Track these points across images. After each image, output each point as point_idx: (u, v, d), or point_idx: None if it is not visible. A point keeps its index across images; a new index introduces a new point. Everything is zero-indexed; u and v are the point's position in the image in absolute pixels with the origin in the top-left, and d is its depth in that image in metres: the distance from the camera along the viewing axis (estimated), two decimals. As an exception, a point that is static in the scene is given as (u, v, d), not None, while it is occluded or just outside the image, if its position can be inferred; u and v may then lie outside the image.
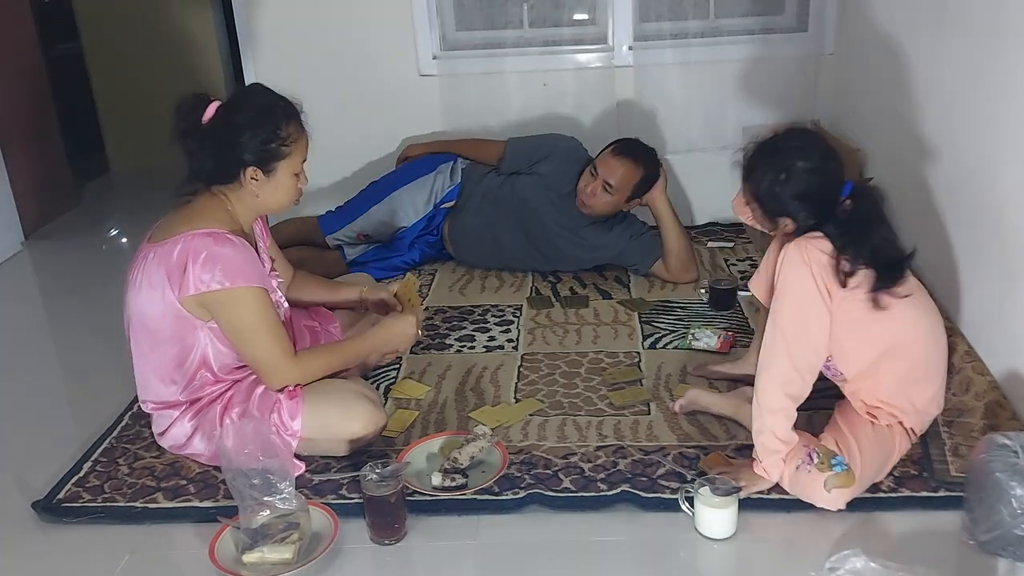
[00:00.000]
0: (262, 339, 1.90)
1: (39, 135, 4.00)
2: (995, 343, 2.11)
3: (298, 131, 1.94)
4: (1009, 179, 2.04)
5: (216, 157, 1.89)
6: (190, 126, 1.89)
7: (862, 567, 1.47)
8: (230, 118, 1.88)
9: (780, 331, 1.76)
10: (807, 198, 1.78)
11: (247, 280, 1.86)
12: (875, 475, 1.82)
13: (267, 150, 1.89)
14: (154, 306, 1.90)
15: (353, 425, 1.97)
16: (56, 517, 1.90)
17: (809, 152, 1.80)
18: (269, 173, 1.91)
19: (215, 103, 1.89)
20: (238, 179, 1.91)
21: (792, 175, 1.77)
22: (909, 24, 2.67)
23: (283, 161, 1.92)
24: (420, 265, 3.22)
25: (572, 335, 2.66)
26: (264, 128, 1.87)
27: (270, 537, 1.70)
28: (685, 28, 3.46)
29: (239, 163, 1.89)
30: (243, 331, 1.89)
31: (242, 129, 1.87)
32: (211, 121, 1.88)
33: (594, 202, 2.94)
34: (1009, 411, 1.97)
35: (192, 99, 1.90)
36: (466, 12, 3.55)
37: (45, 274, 3.57)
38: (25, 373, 2.67)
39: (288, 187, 1.96)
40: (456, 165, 3.27)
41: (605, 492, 1.87)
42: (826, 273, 1.73)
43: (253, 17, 3.47)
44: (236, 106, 1.90)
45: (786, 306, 1.77)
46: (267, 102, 1.92)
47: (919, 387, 1.86)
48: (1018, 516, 1.58)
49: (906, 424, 1.86)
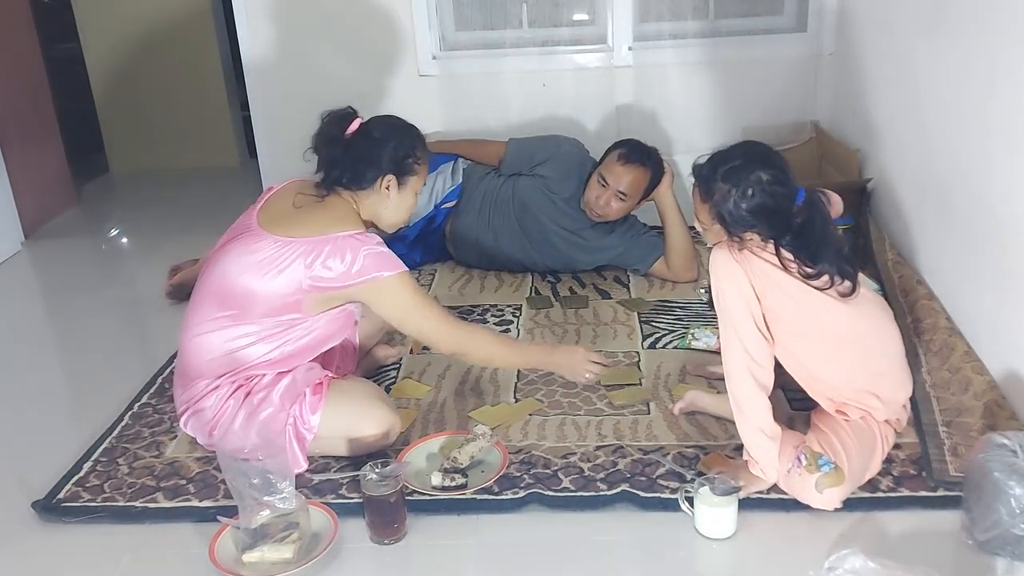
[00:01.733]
0: (429, 311, 2.03)
1: (39, 135, 4.00)
2: (994, 343, 2.12)
3: (425, 154, 2.10)
4: (1008, 178, 2.04)
5: (358, 163, 2.01)
6: (336, 135, 2.02)
7: (861, 567, 1.48)
8: (372, 133, 2.03)
9: (732, 328, 1.78)
10: (771, 211, 1.76)
11: (400, 266, 1.99)
12: (864, 469, 1.82)
13: (405, 163, 2.04)
14: (275, 289, 1.92)
15: (367, 424, 1.99)
16: (56, 517, 1.90)
17: (767, 163, 1.78)
18: (402, 185, 2.05)
19: (359, 118, 2.04)
20: (373, 185, 2.02)
21: (755, 189, 1.75)
22: (908, 25, 2.67)
23: (413, 177, 2.06)
24: (420, 265, 3.23)
25: (572, 335, 2.66)
26: (405, 143, 2.05)
27: (270, 537, 1.70)
28: (685, 28, 3.46)
29: (379, 169, 2.02)
30: (412, 309, 2.01)
31: (386, 141, 2.03)
32: (354, 134, 2.02)
33: (608, 211, 2.94)
34: (1008, 411, 1.97)
35: (340, 112, 2.05)
36: (465, 12, 3.56)
37: (45, 274, 3.57)
38: (25, 373, 2.67)
39: (410, 205, 2.11)
40: (457, 165, 3.27)
41: (604, 492, 1.88)
42: (752, 267, 1.76)
43: (253, 19, 3.48)
44: (379, 124, 2.07)
45: (727, 304, 1.78)
46: (405, 124, 2.10)
47: (878, 378, 1.86)
48: (1016, 515, 1.58)
49: (878, 417, 1.86)
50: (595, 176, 2.94)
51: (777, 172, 1.77)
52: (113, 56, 4.70)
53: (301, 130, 2.10)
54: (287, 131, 3.57)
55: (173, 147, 4.77)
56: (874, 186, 3.00)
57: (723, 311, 1.80)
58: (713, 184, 1.79)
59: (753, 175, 1.75)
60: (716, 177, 1.79)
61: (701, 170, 1.84)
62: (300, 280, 1.91)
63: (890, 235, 2.81)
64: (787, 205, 1.77)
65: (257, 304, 1.94)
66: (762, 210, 1.76)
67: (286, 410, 1.95)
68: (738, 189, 1.75)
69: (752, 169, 1.76)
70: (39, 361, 2.79)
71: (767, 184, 1.75)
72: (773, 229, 1.77)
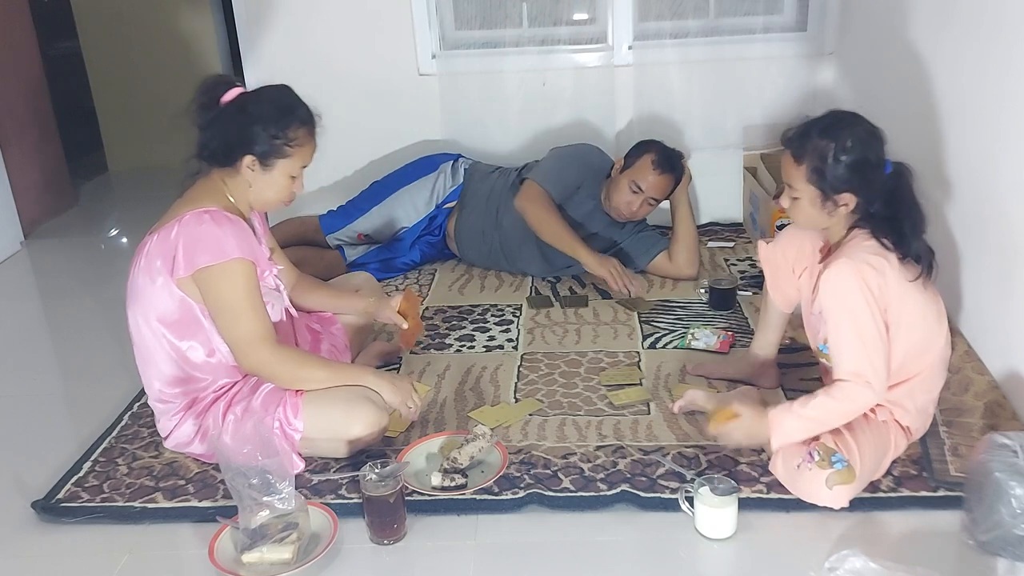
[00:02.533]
0: (246, 314, 1.89)
1: (38, 135, 4.00)
2: (995, 343, 2.11)
3: (307, 137, 1.95)
4: (1007, 178, 2.04)
5: (223, 137, 1.91)
6: (208, 101, 1.91)
7: (861, 567, 1.48)
8: (247, 106, 1.90)
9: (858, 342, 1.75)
10: (869, 167, 1.77)
11: (238, 253, 1.86)
12: (873, 471, 1.82)
13: (271, 145, 1.91)
14: (157, 295, 1.91)
15: (355, 426, 1.96)
16: (55, 517, 1.90)
17: (859, 122, 1.81)
18: (266, 167, 1.93)
19: (239, 88, 1.92)
20: (235, 165, 1.92)
21: (854, 142, 1.76)
22: (909, 23, 2.67)
23: (283, 160, 1.93)
24: (420, 265, 3.22)
25: (572, 335, 2.66)
26: (276, 124, 1.90)
27: (269, 537, 1.69)
28: (685, 27, 3.45)
29: (241, 149, 1.90)
30: (230, 305, 1.88)
31: (255, 119, 1.89)
32: (230, 103, 1.91)
33: (638, 215, 2.97)
34: (1009, 411, 1.97)
35: (217, 77, 1.95)
36: (465, 11, 3.54)
37: (44, 273, 3.57)
38: (24, 373, 2.67)
39: (281, 186, 1.97)
40: (458, 164, 3.26)
41: (605, 492, 1.87)
42: (879, 285, 1.74)
43: (253, 17, 3.47)
44: (257, 97, 1.93)
45: (851, 323, 1.76)
46: (288, 102, 1.94)
47: (925, 386, 1.86)
48: (1018, 516, 1.58)
49: (903, 423, 1.86)
50: (626, 181, 2.91)
51: (873, 128, 1.80)
52: (112, 55, 4.70)
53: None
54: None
55: (172, 146, 4.75)
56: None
57: (855, 326, 1.76)
58: (808, 142, 1.79)
59: (851, 129, 1.78)
60: (812, 135, 1.79)
61: (793, 134, 1.84)
62: (165, 273, 1.88)
63: (890, 234, 2.81)
64: (881, 165, 1.78)
65: (162, 305, 1.92)
66: (862, 166, 1.76)
67: (271, 414, 1.93)
68: (838, 144, 1.76)
69: (850, 124, 1.79)
70: (38, 361, 2.78)
71: (867, 136, 1.77)
72: (870, 190, 1.77)
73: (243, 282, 1.88)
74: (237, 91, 1.92)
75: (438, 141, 3.54)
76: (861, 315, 1.74)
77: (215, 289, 1.88)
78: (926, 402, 1.88)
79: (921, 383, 1.87)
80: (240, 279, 1.87)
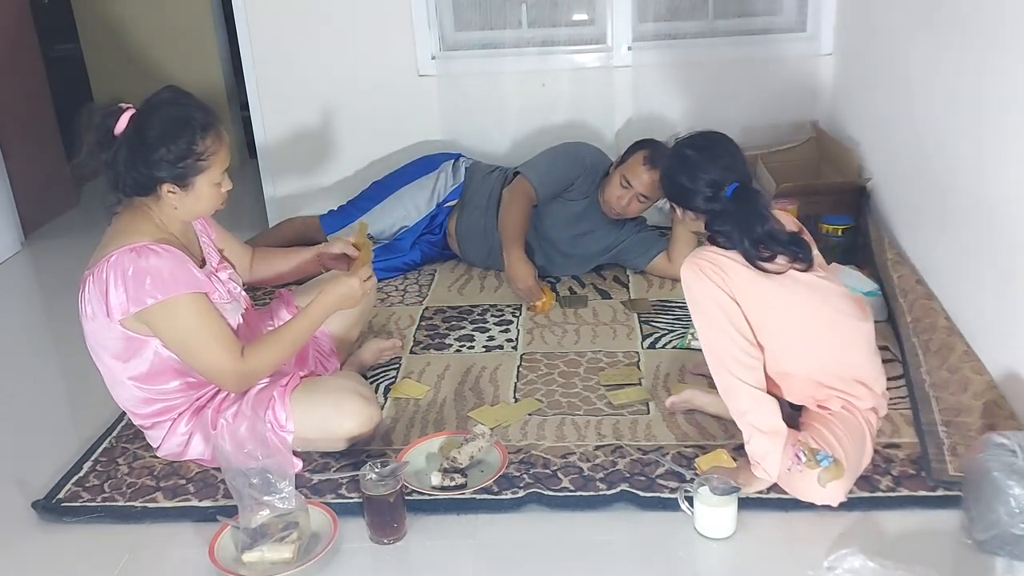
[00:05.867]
0: (207, 345, 1.85)
1: (38, 135, 4.00)
2: (993, 342, 2.12)
3: (216, 143, 1.84)
4: (1006, 178, 2.04)
5: (131, 171, 1.81)
6: (103, 136, 1.81)
7: (860, 566, 1.48)
8: (144, 132, 1.79)
9: (721, 334, 1.80)
10: (684, 190, 1.90)
11: (179, 288, 1.80)
12: (859, 460, 1.83)
13: (184, 166, 1.81)
14: (103, 332, 1.89)
15: (347, 422, 1.97)
16: (56, 517, 1.90)
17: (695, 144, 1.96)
18: (186, 187, 1.84)
19: (128, 112, 1.81)
20: (155, 193, 1.84)
21: (672, 169, 1.94)
22: (906, 24, 2.67)
23: (201, 175, 1.84)
24: (421, 265, 3.23)
25: (571, 335, 2.66)
26: (179, 143, 1.79)
27: (269, 536, 1.70)
28: (684, 28, 3.46)
29: (154, 179, 1.81)
30: (186, 341, 1.85)
31: (156, 146, 1.78)
32: (124, 133, 1.80)
33: (628, 211, 2.93)
34: (1007, 410, 1.97)
35: (102, 107, 1.83)
36: (465, 12, 3.55)
37: (45, 274, 3.57)
38: (25, 373, 2.67)
39: (208, 197, 1.88)
40: (458, 164, 3.26)
41: (604, 491, 1.88)
42: (716, 272, 1.79)
43: (253, 17, 3.47)
44: (149, 117, 1.80)
45: (704, 319, 1.83)
46: (181, 114, 1.81)
47: (858, 367, 1.87)
48: (1016, 515, 1.58)
49: (861, 406, 1.87)
50: (618, 176, 2.90)
51: (698, 157, 1.93)
52: (112, 56, 4.70)
53: (301, 130, 2.08)
54: (287, 131, 3.58)
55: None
56: (873, 185, 3.00)
57: (700, 327, 1.85)
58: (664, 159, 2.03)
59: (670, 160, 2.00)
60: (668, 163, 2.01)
61: None
62: (104, 315, 1.85)
63: (889, 234, 2.81)
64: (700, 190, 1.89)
65: (108, 349, 1.91)
66: (677, 188, 1.93)
67: (260, 417, 1.93)
68: (664, 168, 2.02)
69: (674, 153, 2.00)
70: (39, 361, 2.79)
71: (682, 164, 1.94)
72: (692, 207, 1.92)
73: (190, 314, 1.82)
74: (127, 115, 1.80)
75: (438, 142, 3.55)
76: (704, 302, 1.81)
77: (164, 328, 1.84)
78: (876, 380, 1.88)
79: (840, 365, 1.87)
80: (184, 311, 1.82)
